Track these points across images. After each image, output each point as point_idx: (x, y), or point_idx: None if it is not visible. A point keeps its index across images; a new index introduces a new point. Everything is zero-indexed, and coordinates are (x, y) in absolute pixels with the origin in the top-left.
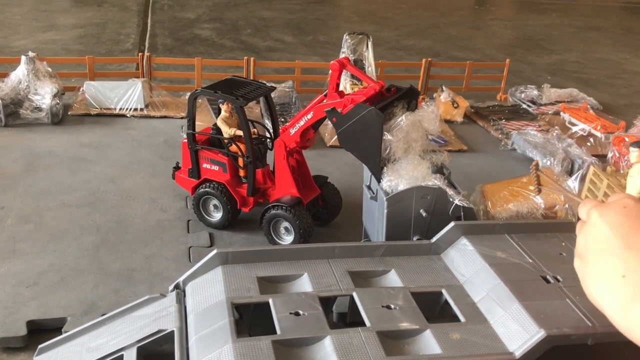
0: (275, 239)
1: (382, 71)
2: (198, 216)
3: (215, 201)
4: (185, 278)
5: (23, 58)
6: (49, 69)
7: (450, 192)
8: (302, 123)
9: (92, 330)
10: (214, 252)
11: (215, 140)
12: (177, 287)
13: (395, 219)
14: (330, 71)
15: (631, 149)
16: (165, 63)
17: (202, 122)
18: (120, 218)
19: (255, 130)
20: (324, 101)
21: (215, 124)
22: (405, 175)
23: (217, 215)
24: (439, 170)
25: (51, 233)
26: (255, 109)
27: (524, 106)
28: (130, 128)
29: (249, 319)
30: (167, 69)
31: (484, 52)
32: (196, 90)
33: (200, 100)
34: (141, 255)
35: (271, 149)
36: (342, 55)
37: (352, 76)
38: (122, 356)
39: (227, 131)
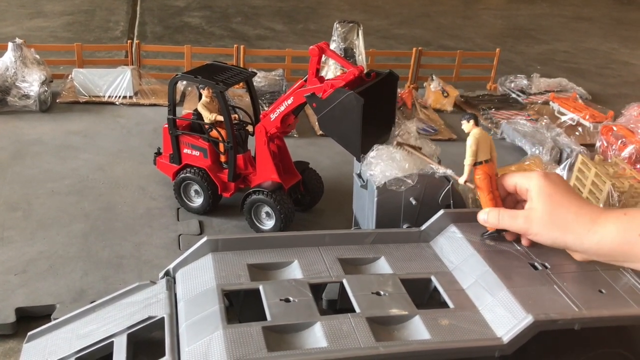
0: (257, 223)
1: (372, 60)
2: (179, 201)
3: (196, 186)
4: (176, 265)
5: (10, 45)
6: (37, 56)
7: (439, 170)
8: (282, 108)
9: (82, 317)
10: (204, 239)
11: (196, 126)
12: (167, 274)
13: (385, 207)
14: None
15: (462, 121)
16: (154, 51)
17: (191, 110)
18: (109, 206)
19: (236, 115)
20: (305, 86)
21: (196, 109)
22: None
23: (198, 201)
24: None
25: (40, 221)
26: (245, 97)
27: (514, 95)
28: (119, 116)
29: (239, 306)
30: (156, 56)
31: (474, 42)
32: (176, 75)
33: (190, 89)
34: (130, 243)
35: (252, 135)
36: (333, 44)
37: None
38: (112, 343)
39: (207, 116)
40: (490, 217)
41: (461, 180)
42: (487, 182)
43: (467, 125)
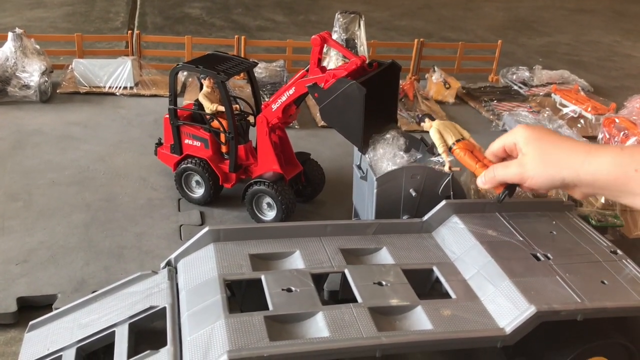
0: (258, 214)
1: (373, 51)
2: (180, 192)
3: (197, 177)
4: (177, 255)
5: (10, 35)
6: (37, 46)
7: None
8: (284, 99)
9: (84, 306)
10: (206, 229)
11: (197, 116)
12: (168, 264)
13: (385, 199)
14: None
15: (421, 124)
16: (155, 41)
17: (192, 101)
18: (110, 196)
19: (237, 106)
20: (306, 76)
21: (197, 100)
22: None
23: (199, 191)
24: (429, 150)
25: (40, 211)
26: (246, 88)
27: (516, 87)
28: (120, 106)
29: (241, 296)
30: (156, 47)
31: (476, 34)
32: (177, 65)
33: (191, 79)
34: (132, 233)
35: (254, 125)
36: (334, 35)
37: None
38: (113, 332)
39: (208, 107)
40: (486, 176)
41: (445, 168)
42: (470, 155)
43: (426, 125)
